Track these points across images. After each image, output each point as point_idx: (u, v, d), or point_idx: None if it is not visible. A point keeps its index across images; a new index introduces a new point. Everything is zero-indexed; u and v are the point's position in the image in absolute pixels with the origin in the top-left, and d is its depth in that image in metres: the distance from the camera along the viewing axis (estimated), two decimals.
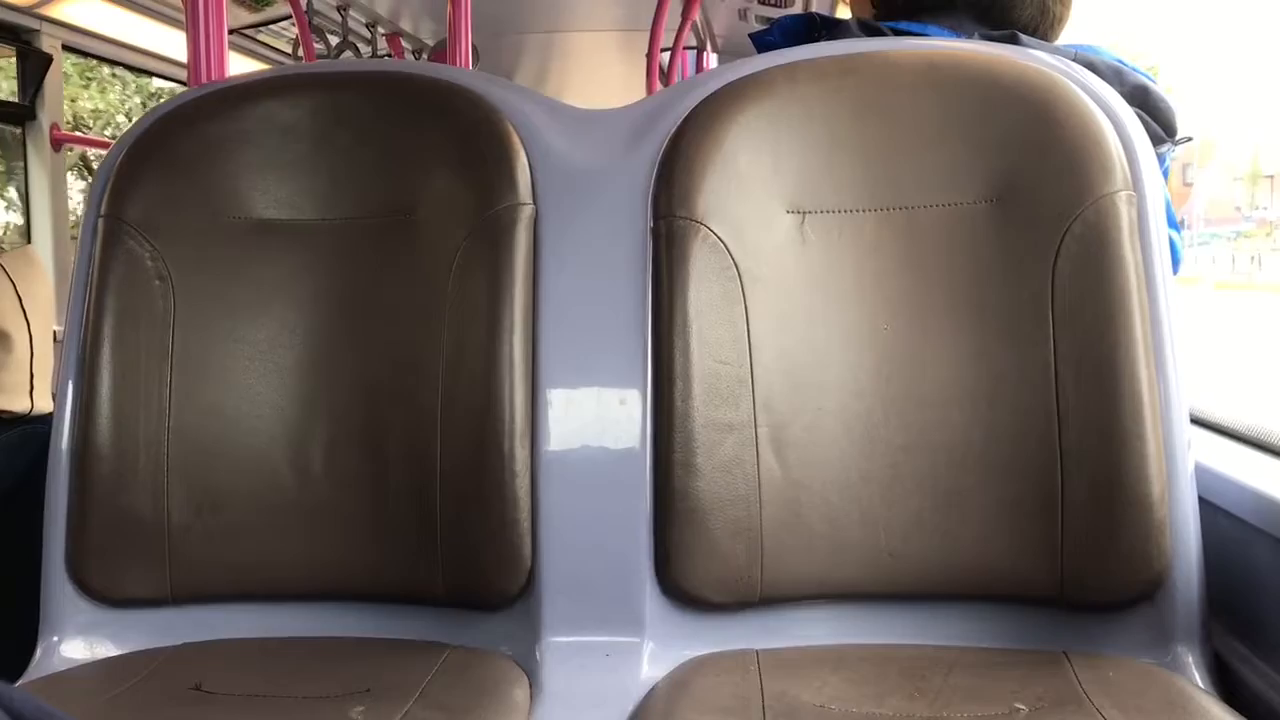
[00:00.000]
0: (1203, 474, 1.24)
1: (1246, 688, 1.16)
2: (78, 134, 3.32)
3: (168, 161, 1.39)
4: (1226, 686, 1.18)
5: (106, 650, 1.32)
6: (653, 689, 1.19)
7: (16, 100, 3.05)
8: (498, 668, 1.22)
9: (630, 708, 1.16)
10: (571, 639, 1.25)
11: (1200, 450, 1.28)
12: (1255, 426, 1.41)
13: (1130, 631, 1.21)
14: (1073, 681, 1.12)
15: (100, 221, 1.37)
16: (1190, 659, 1.18)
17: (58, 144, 3.07)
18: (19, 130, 3.06)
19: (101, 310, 1.34)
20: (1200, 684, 1.16)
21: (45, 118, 3.05)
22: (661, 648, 1.25)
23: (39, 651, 1.32)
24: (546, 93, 1.49)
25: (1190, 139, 1.56)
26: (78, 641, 1.33)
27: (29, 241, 3.04)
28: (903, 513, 1.25)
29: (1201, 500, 1.22)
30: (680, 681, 1.19)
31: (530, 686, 1.20)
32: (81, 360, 1.34)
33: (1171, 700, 1.08)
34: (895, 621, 1.27)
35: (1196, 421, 1.36)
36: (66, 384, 1.36)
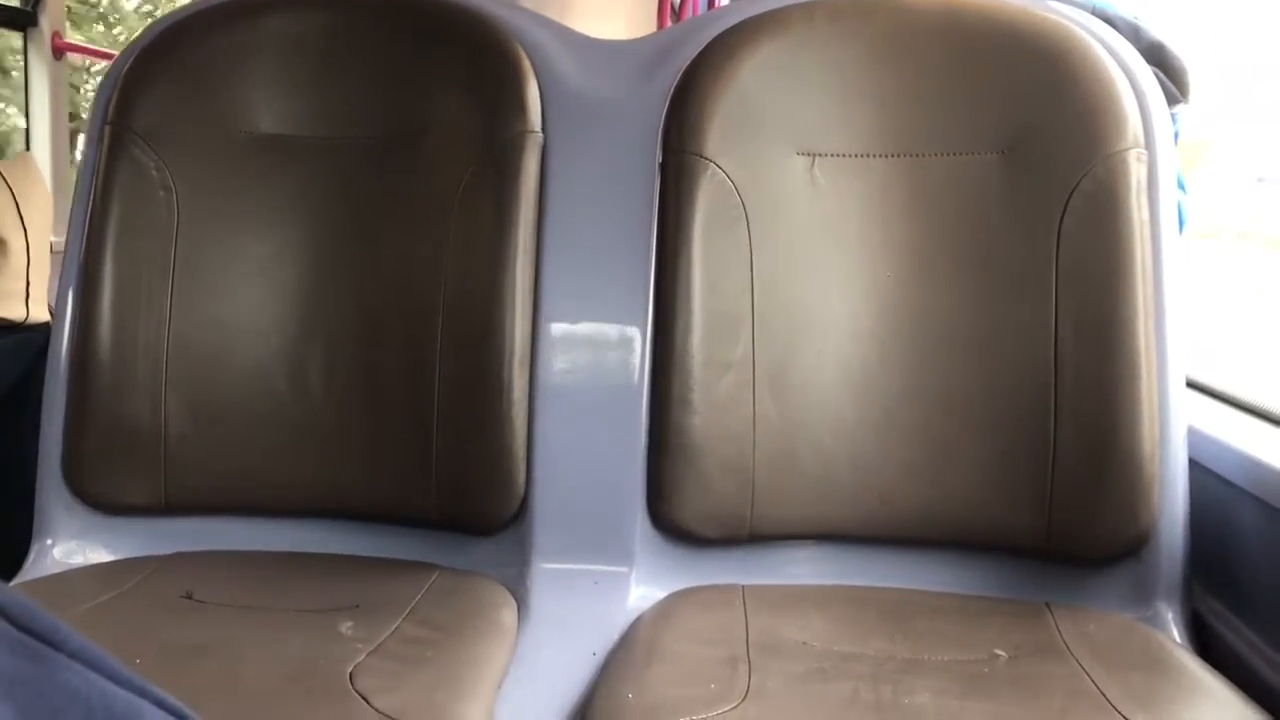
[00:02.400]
0: (1193, 435, 1.25)
1: (1223, 644, 1.18)
2: (81, 43, 3.26)
3: (176, 72, 1.38)
4: (1203, 643, 1.20)
5: (99, 555, 1.33)
6: (639, 618, 1.20)
7: (18, 6, 3.01)
8: (487, 590, 1.24)
9: (616, 635, 1.17)
10: (561, 566, 1.26)
11: (1193, 413, 1.29)
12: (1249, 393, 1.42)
13: (1113, 586, 1.22)
14: (1053, 631, 1.14)
15: (106, 129, 1.36)
16: (1170, 615, 1.20)
17: (59, 52, 3.03)
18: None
19: (105, 218, 1.33)
20: (1178, 639, 1.18)
21: (47, 24, 3.00)
22: (649, 579, 1.26)
23: (32, 554, 1.33)
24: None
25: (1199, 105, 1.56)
26: (71, 546, 1.34)
27: (28, 149, 3.01)
28: (895, 458, 1.26)
29: (1190, 461, 1.23)
30: (666, 612, 1.20)
31: (518, 610, 1.22)
32: (83, 268, 1.34)
33: (1149, 654, 1.10)
34: (882, 564, 1.29)
35: (1192, 385, 1.37)
36: (67, 291, 1.35)
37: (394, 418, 1.32)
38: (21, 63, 3.05)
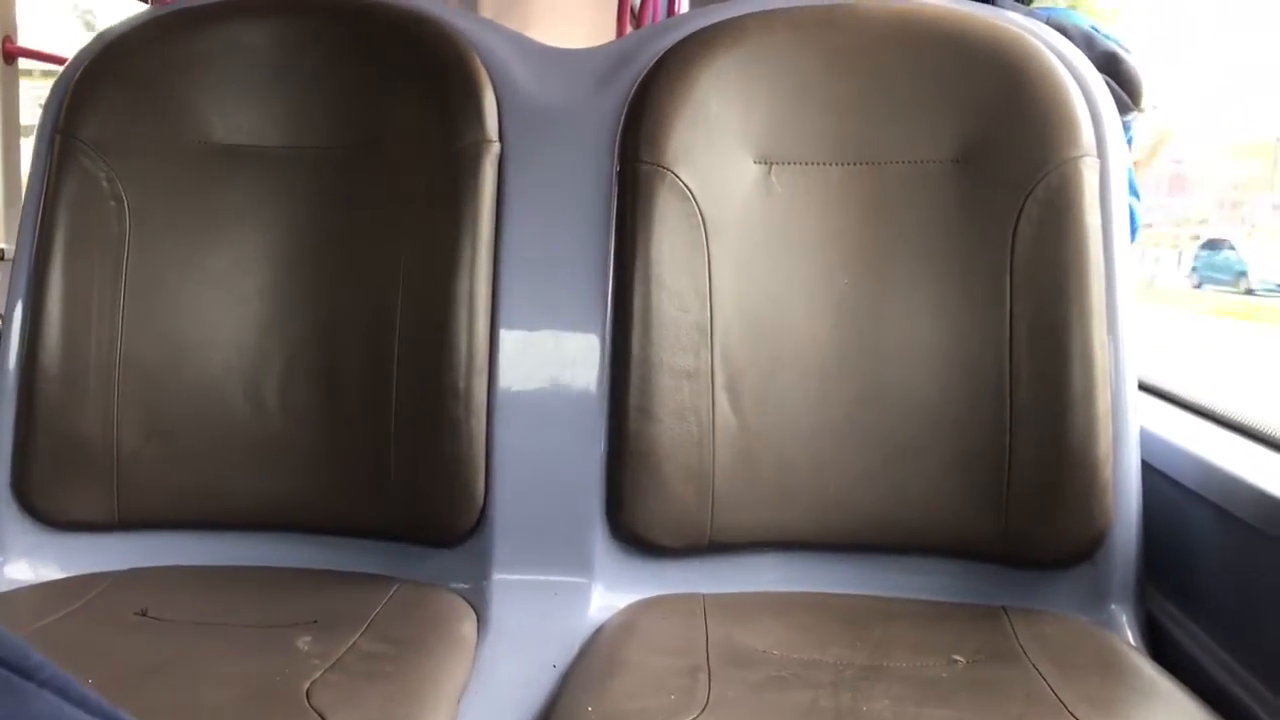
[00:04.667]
0: (1145, 438, 1.26)
1: (1176, 646, 1.20)
2: (33, 48, 3.21)
3: (127, 81, 1.36)
4: (1156, 645, 1.21)
5: (51, 573, 1.31)
6: (599, 628, 1.20)
7: None
8: (446, 602, 1.23)
9: (576, 647, 1.17)
10: (521, 577, 1.26)
11: (1145, 415, 1.30)
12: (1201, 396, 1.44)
13: (1068, 589, 1.24)
14: (1010, 636, 1.15)
15: (55, 138, 1.34)
16: (1124, 618, 1.22)
17: (10, 57, 2.98)
18: None
19: (54, 229, 1.32)
20: (1132, 642, 1.19)
21: None
22: (609, 589, 1.26)
23: None
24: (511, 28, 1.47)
25: (1156, 108, 1.58)
26: (22, 563, 1.31)
27: None
28: (853, 464, 1.27)
29: (1143, 464, 1.24)
30: (627, 622, 1.20)
31: (478, 622, 1.21)
32: (31, 280, 1.32)
33: (1104, 657, 1.11)
34: (840, 571, 1.29)
35: (1144, 388, 1.38)
36: (15, 303, 1.33)
37: (351, 429, 1.31)
38: None
